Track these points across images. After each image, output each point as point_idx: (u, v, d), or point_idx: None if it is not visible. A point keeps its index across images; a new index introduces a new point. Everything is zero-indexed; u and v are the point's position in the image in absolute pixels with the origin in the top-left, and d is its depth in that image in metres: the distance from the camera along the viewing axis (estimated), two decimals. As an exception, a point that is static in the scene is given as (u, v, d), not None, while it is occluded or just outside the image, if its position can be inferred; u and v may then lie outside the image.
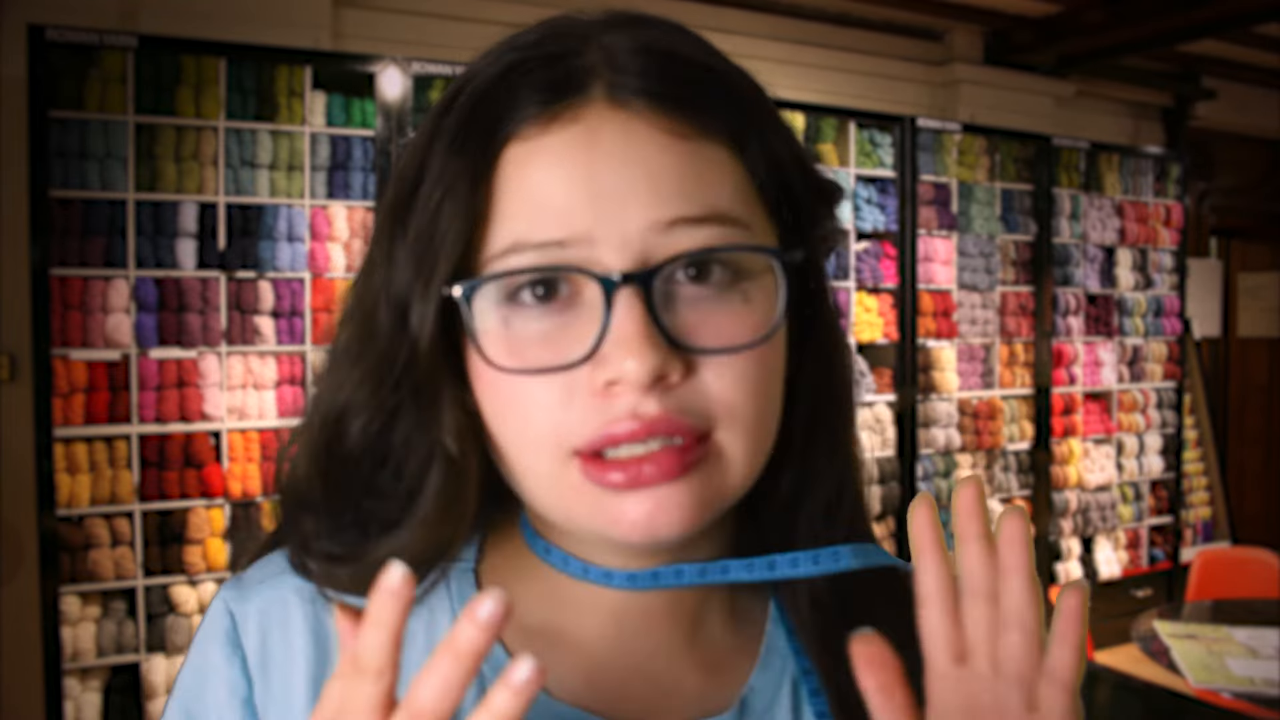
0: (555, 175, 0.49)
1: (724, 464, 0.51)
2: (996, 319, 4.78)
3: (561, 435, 0.49)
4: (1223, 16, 4.56)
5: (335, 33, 3.67)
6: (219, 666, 0.55)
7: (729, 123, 0.51)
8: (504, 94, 0.50)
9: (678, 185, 0.49)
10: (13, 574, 3.17)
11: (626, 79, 0.50)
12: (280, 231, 3.31)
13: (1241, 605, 3.48)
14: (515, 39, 0.53)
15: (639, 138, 0.49)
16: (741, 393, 0.50)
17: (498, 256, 0.49)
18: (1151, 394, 5.45)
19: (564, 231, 0.48)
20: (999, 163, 4.80)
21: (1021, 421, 4.91)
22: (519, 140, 0.50)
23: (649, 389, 0.48)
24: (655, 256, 0.49)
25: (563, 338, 0.49)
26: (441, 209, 0.50)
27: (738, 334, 0.50)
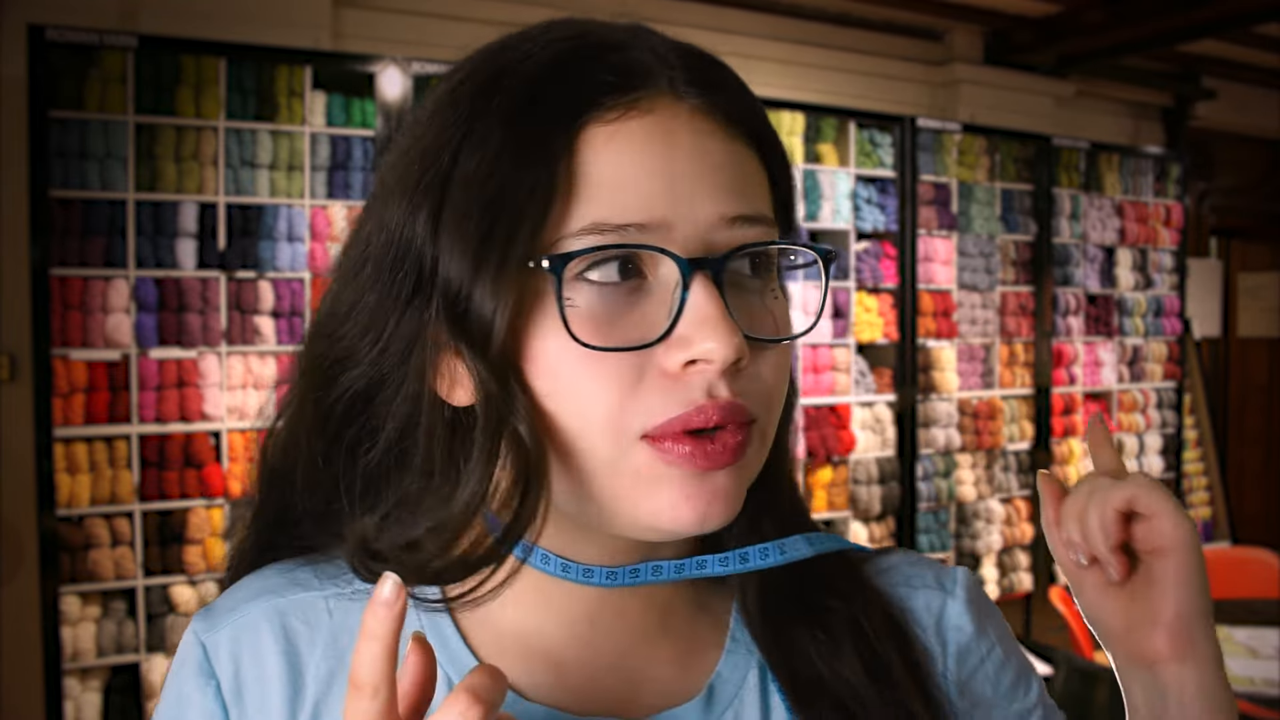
0: (637, 161, 0.50)
1: (756, 452, 0.53)
2: (996, 319, 4.78)
3: (630, 418, 0.49)
4: (1223, 16, 4.56)
5: (335, 33, 3.67)
6: (194, 698, 0.55)
7: (756, 128, 0.54)
8: (572, 78, 0.51)
9: (737, 184, 0.52)
10: (13, 574, 3.17)
11: (682, 75, 0.52)
12: (280, 231, 3.31)
13: (1241, 605, 3.48)
14: (549, 31, 0.53)
15: (704, 134, 0.51)
16: (780, 383, 0.53)
17: (574, 235, 0.49)
18: (1151, 394, 5.45)
19: (644, 216, 0.49)
20: (999, 163, 4.80)
21: (1021, 421, 4.91)
22: (598, 123, 0.50)
23: (723, 373, 0.49)
24: (718, 247, 0.51)
25: (632, 318, 0.50)
26: (510, 189, 0.49)
27: (778, 326, 0.53)
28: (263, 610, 0.57)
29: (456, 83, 0.54)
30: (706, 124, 0.52)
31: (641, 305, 0.50)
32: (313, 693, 0.55)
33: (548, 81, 0.51)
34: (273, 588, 0.58)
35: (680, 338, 0.49)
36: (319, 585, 0.58)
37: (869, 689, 0.56)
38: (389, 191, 0.54)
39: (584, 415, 0.49)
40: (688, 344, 0.48)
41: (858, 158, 4.36)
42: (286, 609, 0.57)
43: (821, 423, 4.26)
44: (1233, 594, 3.73)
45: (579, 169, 0.49)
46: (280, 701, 0.54)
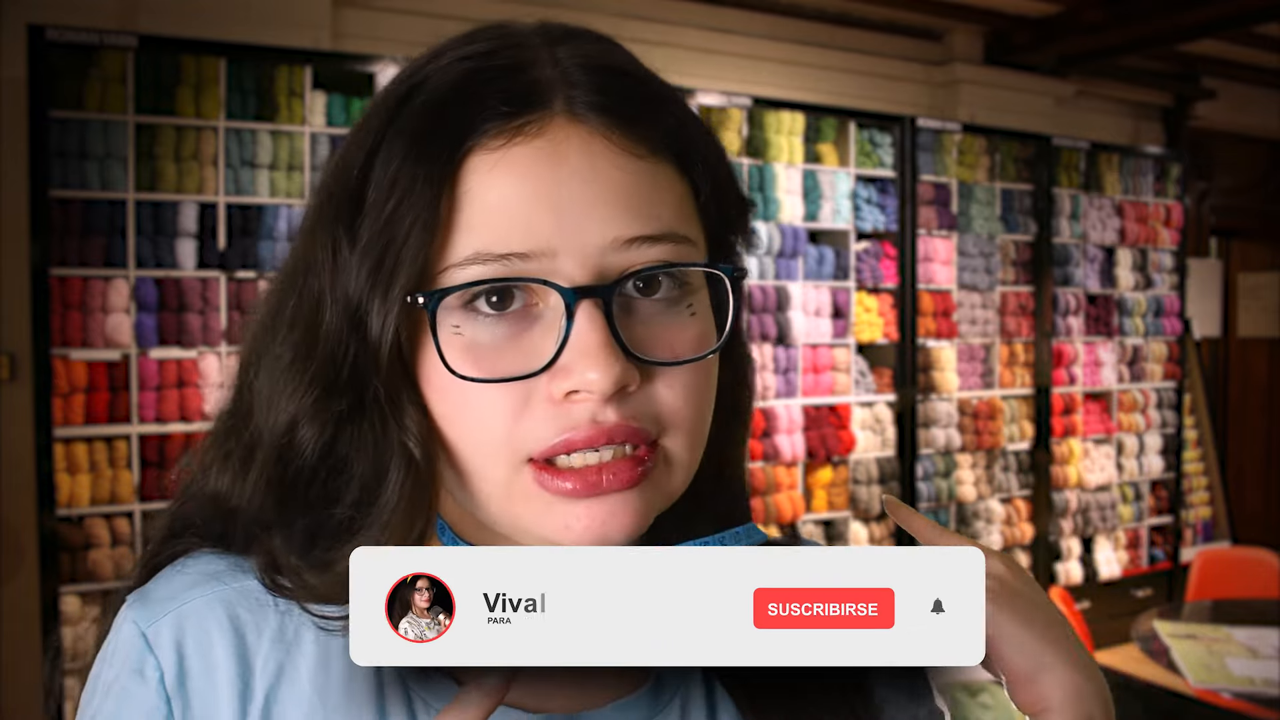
0: (520, 189, 0.50)
1: (670, 470, 0.53)
2: (996, 319, 4.78)
3: (516, 443, 0.50)
4: (1223, 16, 4.56)
5: (335, 33, 3.67)
6: (133, 691, 0.53)
7: (676, 141, 0.53)
8: (465, 101, 0.51)
9: (635, 203, 0.51)
10: (13, 574, 3.17)
11: (585, 95, 0.51)
12: (280, 231, 3.31)
13: (1241, 605, 3.48)
14: (462, 46, 0.54)
15: (599, 155, 0.50)
16: (688, 402, 0.52)
17: (458, 265, 0.50)
18: (1151, 394, 5.45)
19: (527, 245, 0.49)
20: (999, 163, 4.80)
21: (1021, 421, 4.91)
22: (482, 150, 0.50)
23: (609, 399, 0.49)
24: (612, 271, 0.50)
25: (518, 348, 0.50)
26: (400, 215, 0.50)
27: (686, 346, 0.53)
28: (207, 599, 0.55)
29: (382, 94, 0.55)
30: (605, 144, 0.51)
31: (532, 332, 0.50)
32: (262, 685, 0.53)
33: (444, 105, 0.51)
34: (215, 573, 0.56)
35: (562, 367, 0.49)
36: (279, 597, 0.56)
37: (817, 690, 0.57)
38: (314, 209, 0.55)
39: (474, 439, 0.51)
40: (568, 373, 0.49)
41: (858, 158, 4.36)
42: (232, 597, 0.55)
43: (821, 423, 4.26)
44: (1233, 594, 3.73)
45: (463, 198, 0.50)
46: (229, 694, 0.53)
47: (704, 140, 0.55)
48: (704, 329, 0.54)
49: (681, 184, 0.54)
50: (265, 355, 0.57)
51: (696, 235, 0.54)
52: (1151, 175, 5.43)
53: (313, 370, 0.53)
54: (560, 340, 0.49)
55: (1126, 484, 5.35)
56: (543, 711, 0.55)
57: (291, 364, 0.55)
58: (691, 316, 0.53)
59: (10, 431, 3.20)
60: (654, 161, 0.52)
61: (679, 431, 0.52)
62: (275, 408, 0.55)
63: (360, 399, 0.53)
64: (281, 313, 0.56)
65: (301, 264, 0.55)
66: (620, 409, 0.50)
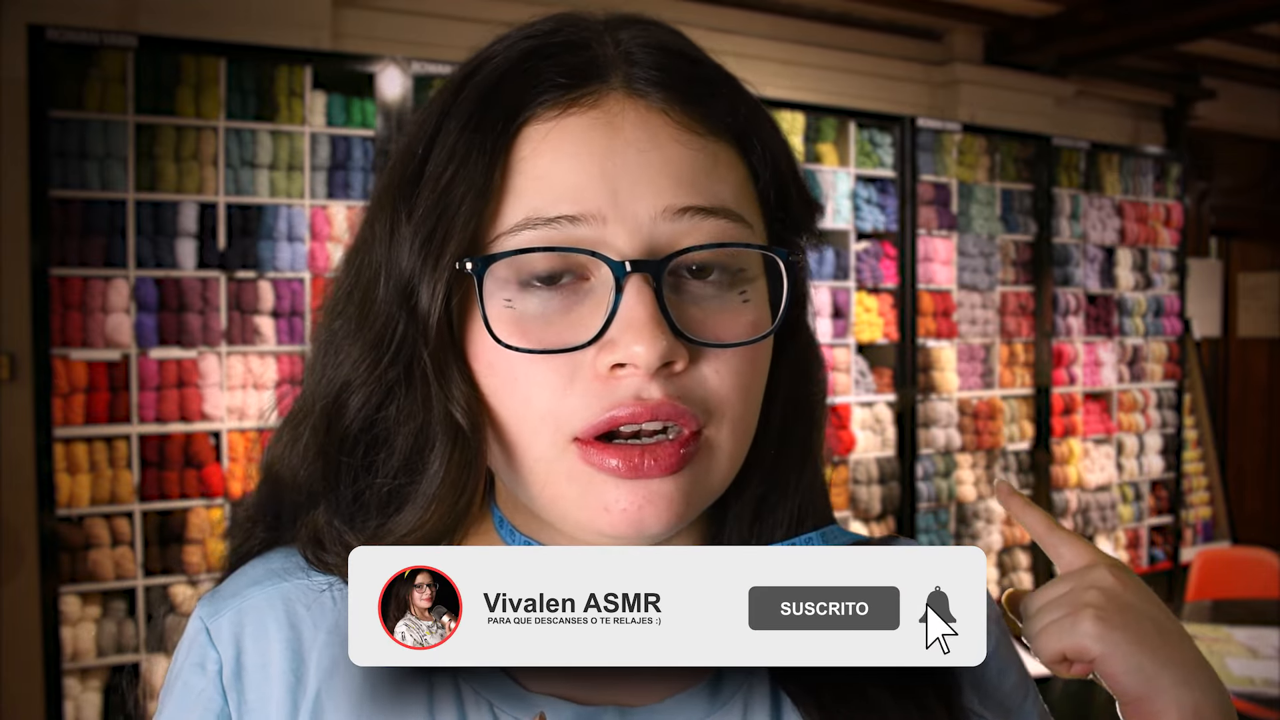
0: (571, 154, 0.49)
1: (713, 460, 0.52)
2: (996, 319, 4.78)
3: (562, 418, 0.50)
4: (1223, 16, 4.56)
5: (335, 33, 3.67)
6: (193, 682, 0.55)
7: (736, 124, 0.53)
8: (524, 76, 0.51)
9: (690, 175, 0.50)
10: (13, 574, 3.17)
11: (644, 72, 0.51)
12: (280, 231, 3.31)
13: (1241, 605, 3.48)
14: (529, 28, 0.54)
15: (657, 128, 0.50)
16: (735, 388, 0.52)
17: (509, 232, 0.50)
18: (1151, 394, 5.45)
19: (576, 208, 0.49)
20: (999, 163, 4.80)
21: (1021, 421, 4.91)
22: (537, 121, 0.50)
23: (655, 374, 0.49)
24: (664, 244, 0.50)
25: (567, 320, 0.50)
26: (454, 185, 0.50)
27: (737, 331, 0.52)
28: (267, 595, 0.56)
29: (447, 79, 0.55)
30: (662, 119, 0.51)
31: (581, 305, 0.50)
32: (315, 681, 0.54)
33: (503, 81, 0.51)
34: (278, 571, 0.57)
35: (609, 340, 0.49)
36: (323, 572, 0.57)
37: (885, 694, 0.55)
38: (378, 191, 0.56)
39: (520, 413, 0.51)
40: (615, 346, 0.49)
41: (858, 158, 4.36)
42: (292, 594, 0.56)
43: (821, 423, 4.26)
44: (1233, 594, 3.73)
45: (515, 166, 0.50)
46: (282, 689, 0.53)
47: (766, 129, 0.55)
48: (756, 317, 0.53)
49: (741, 167, 0.53)
50: (324, 331, 0.58)
51: (754, 219, 0.53)
52: (1151, 175, 5.42)
53: (365, 340, 0.54)
54: (609, 313, 0.49)
55: (1126, 484, 5.35)
56: (595, 704, 0.54)
57: (344, 334, 0.55)
58: (744, 303, 0.52)
59: (10, 431, 3.20)
60: (713, 140, 0.52)
61: (723, 419, 0.52)
62: (326, 376, 0.56)
63: (409, 369, 0.53)
64: (341, 291, 0.57)
65: (363, 242, 0.56)
66: (665, 386, 0.49)
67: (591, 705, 0.54)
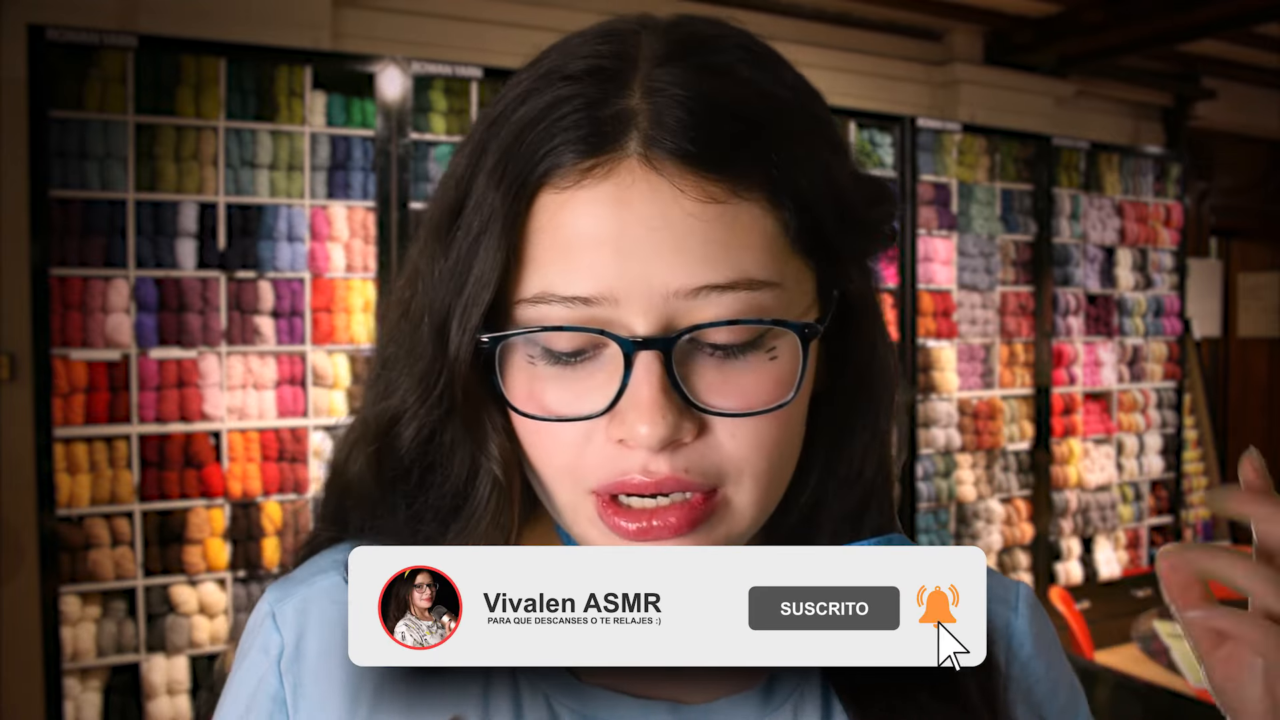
0: (585, 231, 0.49)
1: (731, 516, 0.52)
2: (996, 319, 4.78)
3: (578, 475, 0.52)
4: (1223, 16, 4.56)
5: (335, 33, 3.67)
6: (255, 663, 0.56)
7: (766, 179, 0.51)
8: (541, 136, 0.51)
9: (704, 251, 0.49)
10: (13, 574, 3.17)
11: (664, 136, 0.49)
12: (280, 231, 3.31)
13: (1241, 605, 3.47)
14: (566, 60, 0.53)
15: (668, 202, 0.49)
16: (754, 450, 0.51)
17: (528, 301, 0.51)
18: (1151, 394, 5.45)
19: (590, 289, 0.49)
20: (999, 163, 4.80)
21: (1021, 421, 4.91)
22: (553, 189, 0.50)
23: (660, 450, 0.50)
24: (680, 320, 0.50)
25: (583, 386, 0.51)
26: (478, 246, 0.51)
27: (759, 394, 0.51)
28: (334, 584, 0.56)
29: (490, 105, 0.55)
30: (675, 192, 0.49)
31: (599, 373, 0.51)
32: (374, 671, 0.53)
33: (525, 132, 0.51)
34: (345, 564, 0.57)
35: (618, 414, 0.50)
36: None
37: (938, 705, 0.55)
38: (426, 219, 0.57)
39: (543, 464, 0.53)
40: (622, 422, 0.50)
41: (858, 157, 4.36)
42: None
43: (821, 423, 4.26)
44: (1233, 594, 3.72)
45: (533, 236, 0.51)
46: (341, 678, 0.54)
47: (809, 169, 0.52)
48: (784, 373, 0.51)
49: (768, 221, 0.51)
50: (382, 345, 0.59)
51: (785, 274, 0.52)
52: (1151, 175, 5.43)
53: (415, 372, 0.55)
54: (619, 389, 0.50)
55: (1126, 484, 5.35)
56: (649, 698, 0.55)
57: (395, 362, 0.57)
58: (771, 361, 0.51)
59: (10, 431, 3.20)
60: (735, 203, 0.50)
61: (742, 478, 0.51)
62: (380, 403, 0.57)
63: (453, 409, 0.55)
64: (395, 313, 0.58)
65: (414, 270, 0.57)
66: (672, 460, 0.50)
67: (647, 699, 0.55)
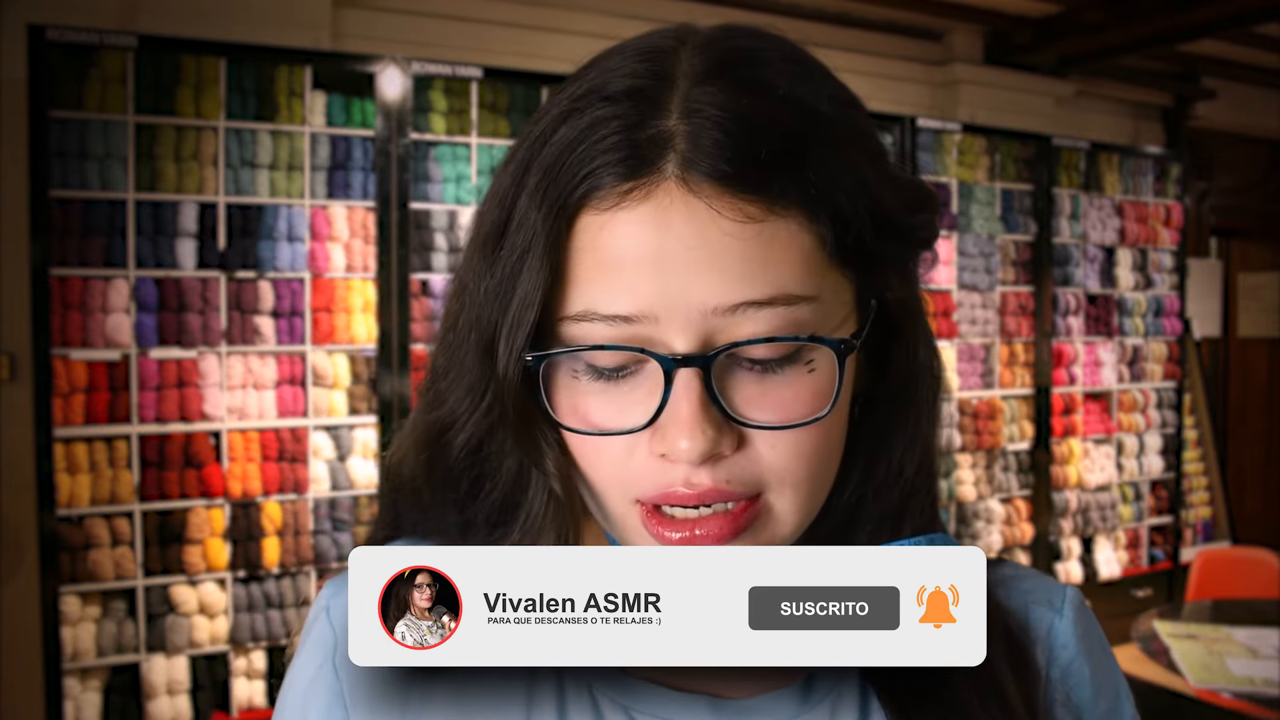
0: (625, 252, 0.50)
1: (773, 522, 0.53)
2: (996, 319, 4.78)
3: (624, 485, 0.53)
4: (1223, 16, 4.56)
5: (335, 33, 3.67)
6: (313, 657, 0.57)
7: (803, 196, 0.52)
8: (581, 159, 0.52)
9: (742, 269, 0.50)
10: (13, 574, 3.17)
11: (702, 158, 0.50)
12: (280, 231, 3.31)
13: (1241, 605, 3.48)
14: (606, 79, 0.53)
15: (706, 223, 0.50)
16: (794, 459, 0.53)
17: (571, 319, 0.52)
18: (1151, 394, 5.45)
19: (631, 308, 0.50)
20: (999, 163, 4.80)
21: (1021, 421, 4.91)
22: (593, 210, 0.51)
23: (701, 464, 0.51)
24: (719, 336, 0.51)
25: (626, 401, 0.52)
26: (522, 265, 0.52)
27: (799, 406, 0.52)
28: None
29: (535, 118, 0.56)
30: (712, 213, 0.50)
31: (641, 387, 0.52)
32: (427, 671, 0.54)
33: (564, 157, 0.52)
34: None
35: (659, 429, 0.51)
36: None
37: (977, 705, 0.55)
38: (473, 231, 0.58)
39: (592, 475, 0.55)
40: (664, 437, 0.51)
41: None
42: None
43: (821, 423, 4.26)
44: (1233, 594, 3.73)
45: (575, 256, 0.52)
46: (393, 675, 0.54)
47: (846, 182, 0.53)
48: (823, 385, 0.53)
49: (805, 237, 0.52)
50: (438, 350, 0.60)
51: (823, 288, 0.52)
52: (1151, 175, 5.43)
53: (465, 382, 0.56)
54: (660, 404, 0.51)
55: (1126, 484, 5.35)
56: (691, 691, 0.56)
57: (446, 370, 0.58)
58: (810, 374, 0.52)
59: (10, 431, 3.20)
60: (772, 221, 0.51)
61: (784, 486, 0.53)
62: (433, 410, 0.59)
63: (501, 421, 0.56)
64: (447, 323, 0.59)
65: (462, 284, 0.58)
66: (714, 473, 0.51)
67: (688, 692, 0.56)
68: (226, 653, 3.23)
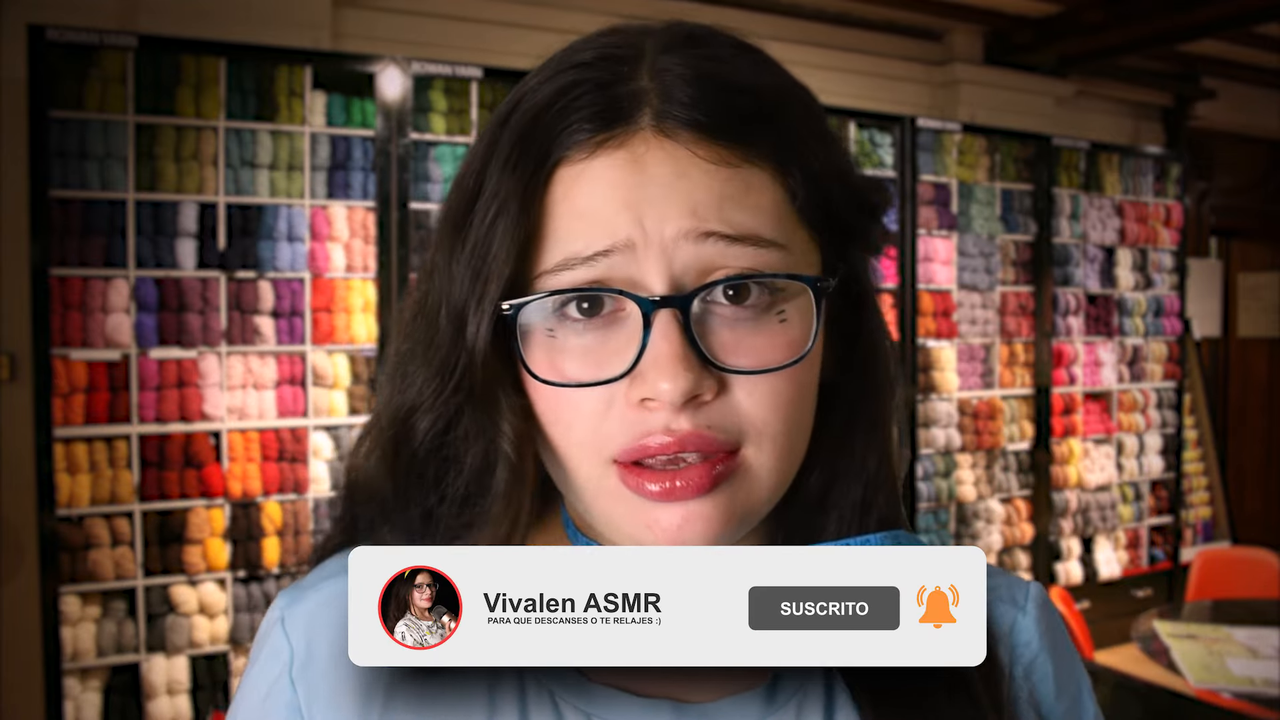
0: (600, 194, 0.51)
1: (751, 478, 0.53)
2: (996, 319, 4.78)
3: (600, 443, 0.52)
4: (1223, 16, 4.56)
5: (335, 33, 3.67)
6: (268, 670, 0.56)
7: (773, 149, 0.54)
8: (556, 117, 0.53)
9: (715, 202, 0.51)
10: (13, 574, 3.17)
11: (674, 109, 0.52)
12: (280, 231, 3.31)
13: (1241, 605, 3.48)
14: (574, 54, 0.55)
15: (681, 161, 0.52)
16: (772, 410, 0.53)
17: (550, 272, 0.52)
18: (1151, 394, 5.45)
19: (606, 241, 0.51)
20: (999, 163, 4.81)
21: (1021, 421, 4.91)
22: (568, 163, 0.52)
23: (682, 407, 0.51)
24: (693, 275, 0.52)
25: (603, 352, 0.52)
26: (495, 228, 0.53)
27: (773, 354, 0.53)
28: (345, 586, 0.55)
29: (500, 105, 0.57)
30: (689, 154, 0.52)
31: (618, 335, 0.52)
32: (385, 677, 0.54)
33: (535, 120, 0.53)
34: None
35: (639, 374, 0.51)
36: None
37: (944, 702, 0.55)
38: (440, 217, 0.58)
39: (565, 438, 0.54)
40: (643, 381, 0.51)
41: (857, 158, 4.36)
42: None
43: (821, 423, 4.26)
44: (1233, 594, 3.73)
45: (550, 209, 0.52)
46: (353, 684, 0.54)
47: (810, 146, 0.55)
48: (795, 336, 0.53)
49: (777, 188, 0.54)
50: (395, 351, 0.60)
51: (793, 239, 0.54)
52: (1151, 175, 5.43)
53: (431, 365, 0.56)
54: (639, 349, 0.51)
55: (1126, 484, 5.35)
56: (652, 696, 0.55)
57: (412, 357, 0.58)
58: (781, 324, 0.53)
59: (10, 431, 3.20)
60: (746, 169, 0.53)
61: (762, 438, 0.53)
62: (395, 398, 0.58)
63: (471, 395, 0.55)
64: (410, 312, 0.60)
65: (430, 267, 0.58)
66: (694, 418, 0.51)
67: (649, 697, 0.55)
68: (226, 653, 3.23)
